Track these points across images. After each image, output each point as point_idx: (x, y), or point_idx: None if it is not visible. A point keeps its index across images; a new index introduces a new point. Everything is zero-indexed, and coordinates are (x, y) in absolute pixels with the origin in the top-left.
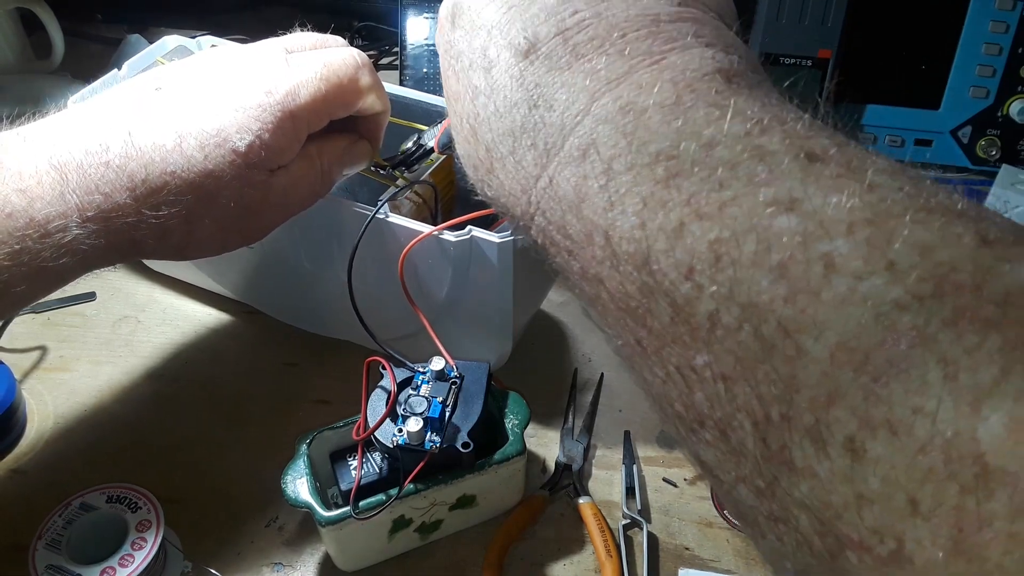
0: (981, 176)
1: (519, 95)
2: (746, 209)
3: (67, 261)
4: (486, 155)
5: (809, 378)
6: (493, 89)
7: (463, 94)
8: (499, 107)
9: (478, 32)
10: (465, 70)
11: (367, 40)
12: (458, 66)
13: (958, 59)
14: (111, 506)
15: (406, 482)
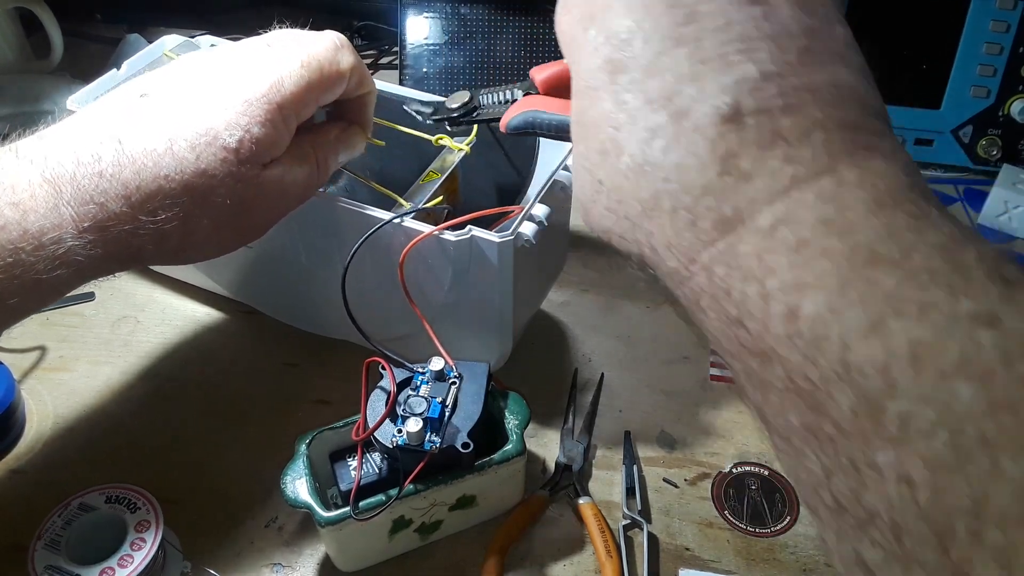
0: (982, 176)
1: (711, 157)
2: (947, 315)
3: (62, 273)
4: (649, 200)
5: (1003, 497)
6: (678, 140)
7: (626, 125)
8: (682, 160)
9: (659, 74)
10: (638, 104)
11: (367, 39)
12: (623, 94)
13: (959, 58)
14: (110, 506)
15: (406, 483)
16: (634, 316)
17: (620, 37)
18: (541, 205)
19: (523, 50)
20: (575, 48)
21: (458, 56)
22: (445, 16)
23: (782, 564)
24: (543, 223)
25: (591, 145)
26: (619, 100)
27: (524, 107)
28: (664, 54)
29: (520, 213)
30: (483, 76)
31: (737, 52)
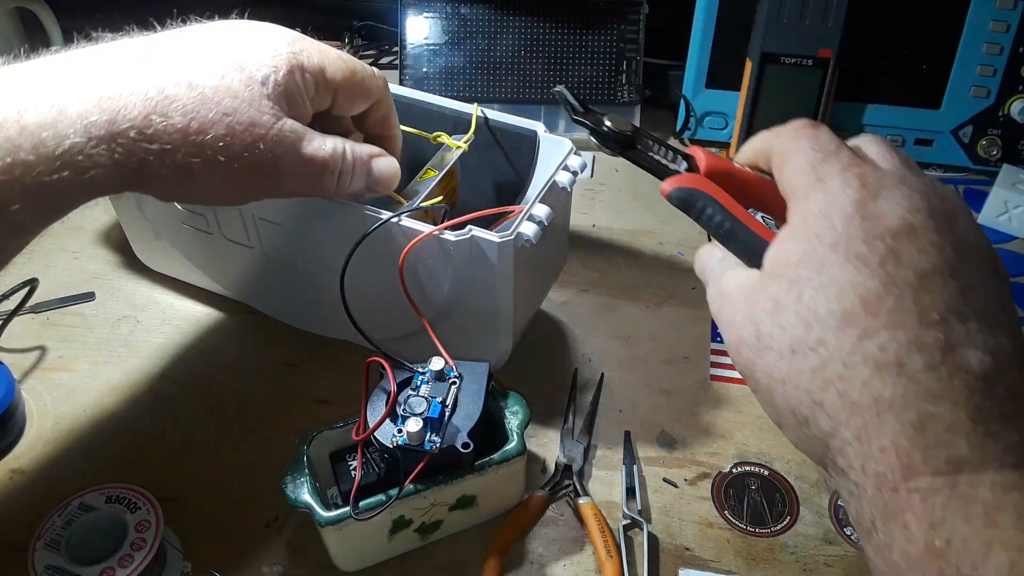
0: (982, 176)
1: (966, 401)
2: None
3: (67, 176)
4: (888, 399)
5: None
6: (941, 365)
7: (887, 312)
8: (939, 388)
9: (934, 293)
10: (907, 306)
11: (367, 39)
12: (893, 285)
13: (959, 58)
14: (110, 506)
15: (406, 483)
16: (634, 316)
17: (898, 223)
18: (541, 205)
19: (523, 50)
20: (825, 190)
21: (458, 56)
22: (445, 16)
23: (782, 564)
24: (543, 223)
25: (819, 298)
26: (886, 284)
27: (694, 184)
28: (939, 275)
29: (520, 213)
30: (483, 76)
31: (997, 321)
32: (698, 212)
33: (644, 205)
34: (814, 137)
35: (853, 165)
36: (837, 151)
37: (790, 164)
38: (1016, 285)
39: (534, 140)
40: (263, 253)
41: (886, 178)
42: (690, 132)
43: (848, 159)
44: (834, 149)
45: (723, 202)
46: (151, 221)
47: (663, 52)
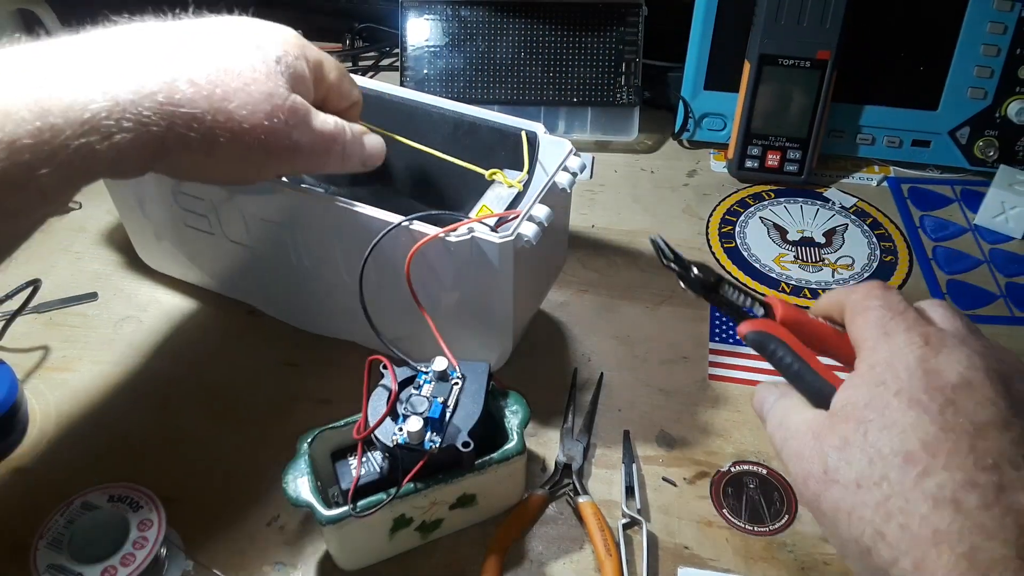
0: (979, 176)
1: (1017, 540)
2: None
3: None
4: (943, 533)
5: None
6: (995, 504)
7: (944, 454)
8: (991, 525)
9: (988, 439)
10: (964, 448)
11: (367, 41)
12: (950, 429)
13: (956, 60)
14: (113, 505)
15: (404, 481)
16: (634, 316)
17: (957, 377)
18: (541, 206)
19: (523, 52)
20: (891, 344)
21: (458, 58)
22: (446, 18)
23: (780, 562)
24: (543, 224)
25: (883, 438)
26: (945, 430)
27: (767, 328)
28: (995, 426)
29: (520, 214)
30: (484, 78)
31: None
32: (770, 353)
33: (644, 206)
34: (884, 296)
35: (918, 324)
36: (904, 311)
37: (862, 318)
38: (1013, 285)
39: (534, 141)
40: (264, 253)
41: (947, 338)
42: (689, 133)
43: (913, 319)
44: (902, 310)
45: (793, 346)
46: (153, 222)
47: (662, 53)
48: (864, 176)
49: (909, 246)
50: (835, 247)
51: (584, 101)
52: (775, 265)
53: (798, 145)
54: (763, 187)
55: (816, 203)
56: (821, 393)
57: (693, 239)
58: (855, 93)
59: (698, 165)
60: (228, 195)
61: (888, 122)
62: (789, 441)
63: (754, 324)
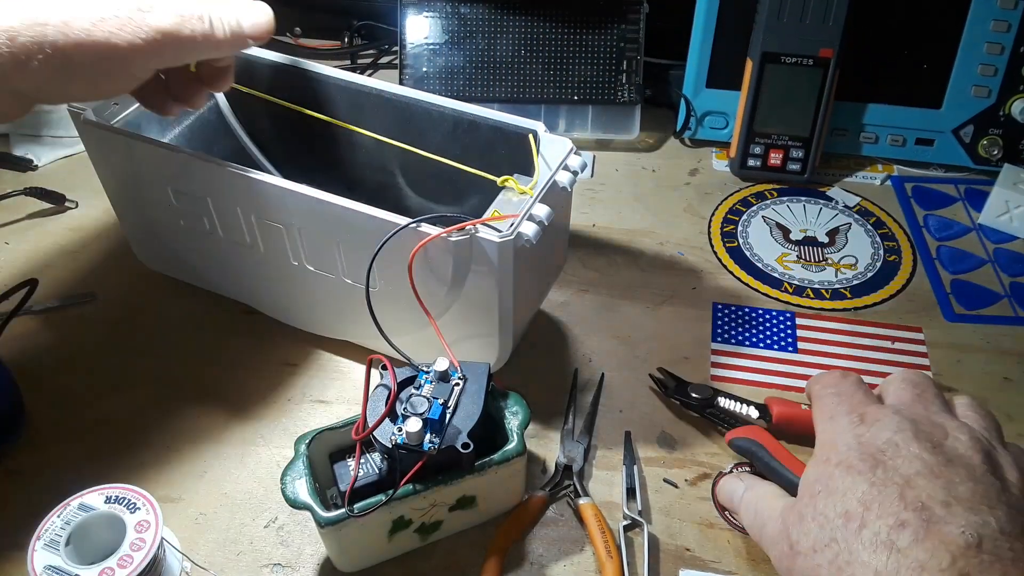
0: (983, 175)
1: (951, 569)
2: None
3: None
4: (883, 571)
5: None
6: (926, 539)
7: (876, 506)
8: (926, 558)
9: (916, 487)
10: (893, 497)
11: (366, 39)
12: (881, 485)
13: (960, 58)
14: (110, 506)
15: (402, 482)
16: (634, 316)
17: (883, 442)
18: (541, 205)
19: (523, 50)
20: (834, 426)
21: (458, 56)
22: (445, 16)
23: None
24: (543, 223)
25: (828, 505)
26: (876, 485)
27: (750, 435)
28: (923, 476)
29: (520, 214)
30: (483, 76)
31: (983, 504)
32: (752, 456)
33: (644, 205)
34: (838, 384)
35: (860, 406)
36: (852, 395)
37: (817, 406)
38: (1018, 285)
39: (535, 140)
40: (263, 253)
41: (882, 412)
42: (690, 132)
43: (858, 401)
44: (850, 394)
45: (772, 449)
46: (151, 221)
47: (663, 52)
48: (867, 175)
49: (913, 245)
50: (838, 247)
51: (585, 99)
52: (778, 265)
53: (801, 144)
54: (765, 186)
55: (819, 202)
56: (794, 485)
57: (695, 238)
58: (858, 91)
59: (700, 164)
60: (228, 195)
61: (891, 120)
62: (765, 528)
63: (739, 432)
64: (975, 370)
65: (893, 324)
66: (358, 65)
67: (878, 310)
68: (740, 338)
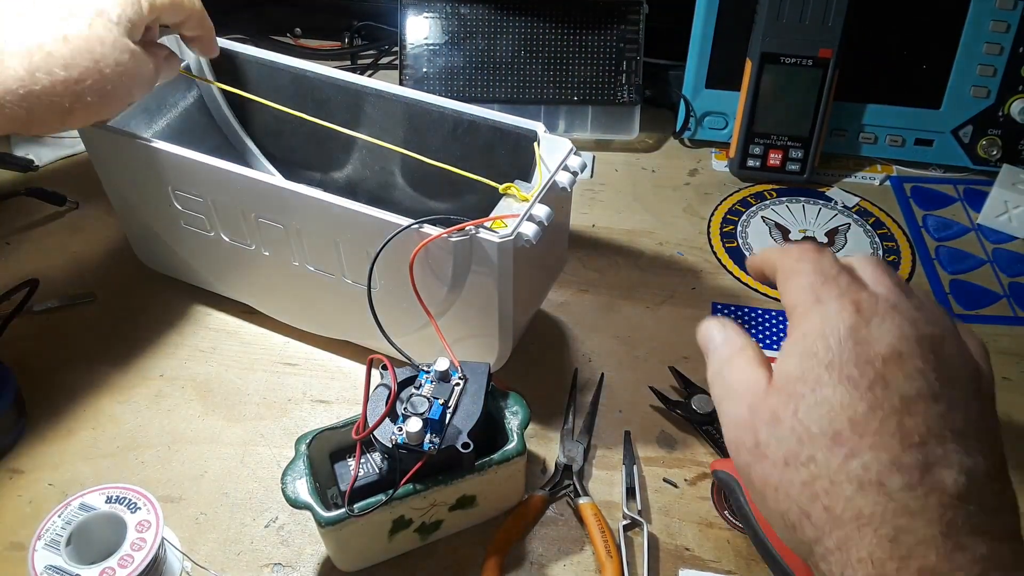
0: (982, 176)
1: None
2: None
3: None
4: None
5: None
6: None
7: (872, 435)
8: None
9: (918, 414)
10: (891, 428)
11: (367, 40)
12: (880, 410)
13: (959, 58)
14: (110, 506)
15: (402, 482)
16: (634, 316)
17: (887, 349)
18: (541, 205)
19: (523, 50)
20: (824, 312)
21: (458, 56)
22: (445, 16)
23: None
24: (543, 223)
25: (812, 416)
26: (874, 408)
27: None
28: (923, 399)
29: (520, 214)
30: (483, 76)
31: (975, 440)
32: (729, 491)
33: (644, 205)
34: (817, 259)
35: (850, 290)
36: (837, 276)
37: (794, 282)
38: (1017, 285)
39: (535, 139)
40: (263, 253)
41: (879, 304)
42: (690, 132)
43: (846, 284)
44: (834, 274)
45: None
46: (151, 222)
47: (663, 52)
48: (866, 175)
49: (912, 246)
50: (837, 247)
51: (585, 100)
52: None
53: (800, 144)
54: (765, 186)
55: (818, 202)
56: (757, 536)
57: (694, 239)
58: (857, 92)
59: (699, 164)
60: (228, 195)
61: (890, 121)
62: (726, 401)
63: (721, 465)
64: None
65: None
66: (358, 66)
67: None
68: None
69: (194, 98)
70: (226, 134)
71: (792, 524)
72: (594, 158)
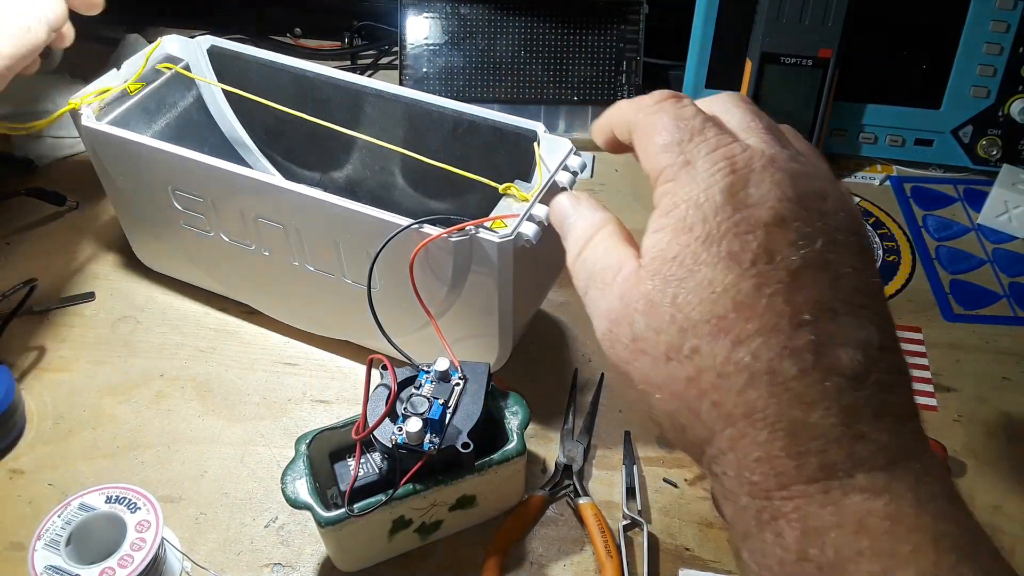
0: (982, 176)
1: (837, 407)
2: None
3: None
4: (751, 404)
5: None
6: (814, 370)
7: (746, 316)
8: (808, 391)
9: (807, 287)
10: (780, 304)
11: (366, 40)
12: (765, 280)
13: (959, 58)
14: (110, 506)
15: (402, 482)
16: None
17: (769, 215)
18: (541, 205)
19: (523, 50)
20: (693, 176)
21: (458, 56)
22: (445, 16)
23: None
24: (543, 223)
25: (691, 300)
26: (759, 287)
27: None
28: (811, 268)
29: (520, 214)
30: (483, 76)
31: (865, 309)
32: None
33: (644, 205)
34: (677, 113)
35: (721, 144)
36: (703, 129)
37: (654, 141)
38: (1017, 285)
39: (535, 139)
40: (263, 253)
41: (755, 159)
42: None
43: (716, 139)
44: (699, 127)
45: None
46: (151, 221)
47: (663, 52)
48: (866, 175)
49: (912, 246)
50: None
51: (585, 100)
52: None
53: None
54: None
55: None
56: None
57: None
58: (857, 92)
59: None
60: (228, 195)
61: (890, 121)
62: (592, 290)
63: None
64: (974, 370)
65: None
66: (358, 66)
67: None
68: None
69: (194, 98)
70: (226, 134)
71: (681, 425)
72: (594, 158)
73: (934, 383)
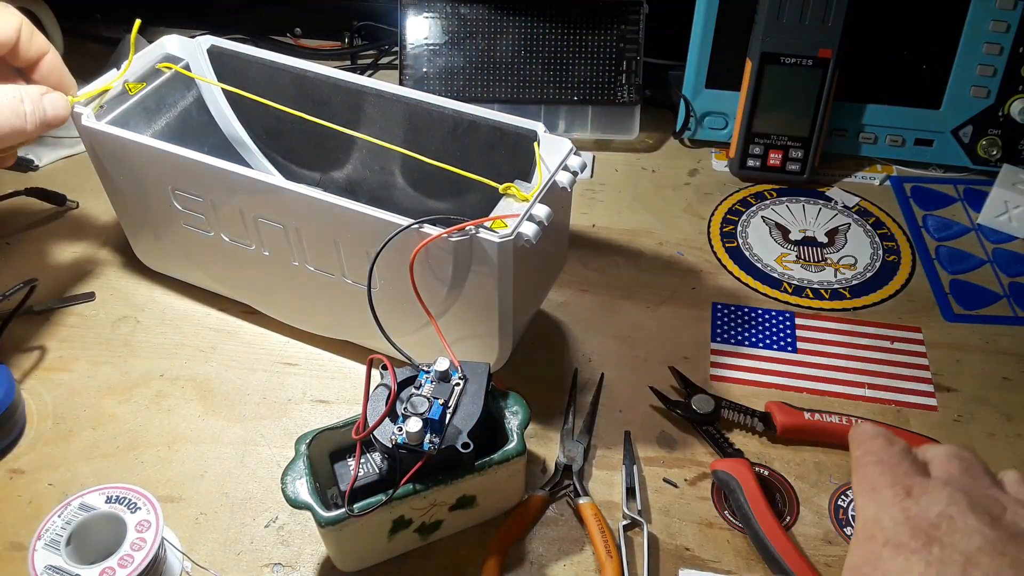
0: (982, 176)
1: None
2: None
3: None
4: None
5: None
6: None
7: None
8: None
9: (977, 567)
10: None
11: (367, 39)
12: (942, 564)
13: (959, 59)
14: (110, 506)
15: (402, 482)
16: (634, 316)
17: (936, 516)
18: (541, 205)
19: (523, 50)
20: (878, 499)
21: (458, 56)
22: (445, 16)
23: None
24: (543, 223)
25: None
26: (932, 565)
27: (733, 470)
28: (985, 553)
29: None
30: (483, 76)
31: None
32: (729, 491)
33: (644, 205)
34: (881, 451)
35: (905, 477)
36: (896, 465)
37: (858, 473)
38: (1017, 285)
39: (535, 139)
40: (263, 253)
41: (929, 484)
42: (690, 132)
43: (903, 472)
44: (894, 463)
45: (747, 490)
46: (151, 221)
47: (663, 52)
48: (867, 175)
49: (912, 246)
50: (837, 247)
51: (585, 100)
52: (777, 265)
53: (800, 144)
54: (765, 186)
55: (818, 202)
56: (757, 536)
57: (695, 239)
58: (857, 92)
59: (699, 164)
60: (228, 195)
61: (890, 121)
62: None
63: (722, 464)
64: (974, 370)
65: (892, 324)
66: (358, 65)
67: (877, 310)
68: (740, 338)
69: (194, 98)
70: (226, 134)
71: None
72: (594, 158)
73: (934, 383)
